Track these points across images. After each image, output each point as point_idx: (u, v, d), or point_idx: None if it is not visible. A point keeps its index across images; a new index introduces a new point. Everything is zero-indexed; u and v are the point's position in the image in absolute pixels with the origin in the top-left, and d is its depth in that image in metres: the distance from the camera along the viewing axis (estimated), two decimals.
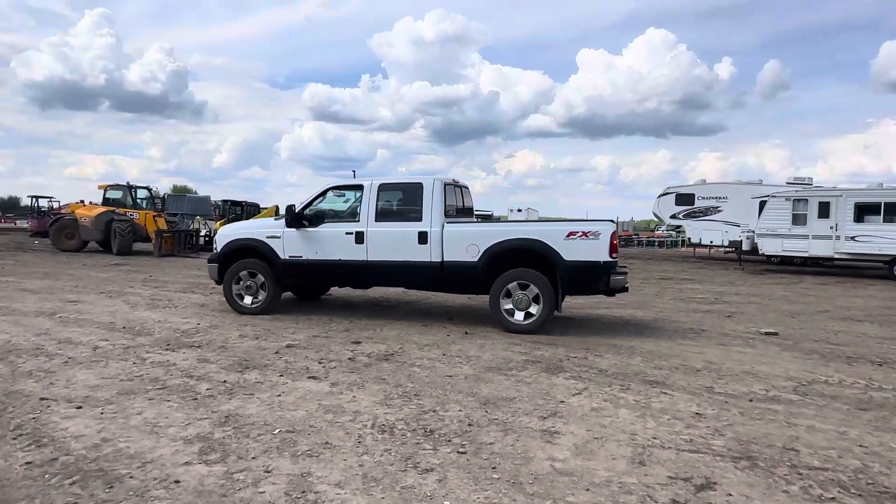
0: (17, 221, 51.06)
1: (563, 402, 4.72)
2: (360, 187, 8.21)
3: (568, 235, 7.27)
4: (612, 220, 7.72)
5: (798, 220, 18.57)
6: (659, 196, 26.80)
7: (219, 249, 8.74)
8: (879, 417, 4.51)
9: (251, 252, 8.50)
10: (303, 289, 9.81)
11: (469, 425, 4.14)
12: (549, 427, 4.14)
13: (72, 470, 3.28)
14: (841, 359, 6.50)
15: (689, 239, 26.71)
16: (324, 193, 8.46)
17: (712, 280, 16.18)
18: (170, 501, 2.96)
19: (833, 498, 3.15)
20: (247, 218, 30.29)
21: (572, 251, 7.23)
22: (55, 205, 31.54)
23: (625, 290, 7.79)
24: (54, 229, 21.47)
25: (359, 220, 8.02)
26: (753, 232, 20.15)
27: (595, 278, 7.29)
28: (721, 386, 5.28)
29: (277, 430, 3.95)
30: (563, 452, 3.70)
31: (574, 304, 10.36)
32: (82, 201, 23.13)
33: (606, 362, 6.06)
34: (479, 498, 3.08)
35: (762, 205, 20.82)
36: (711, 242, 25.37)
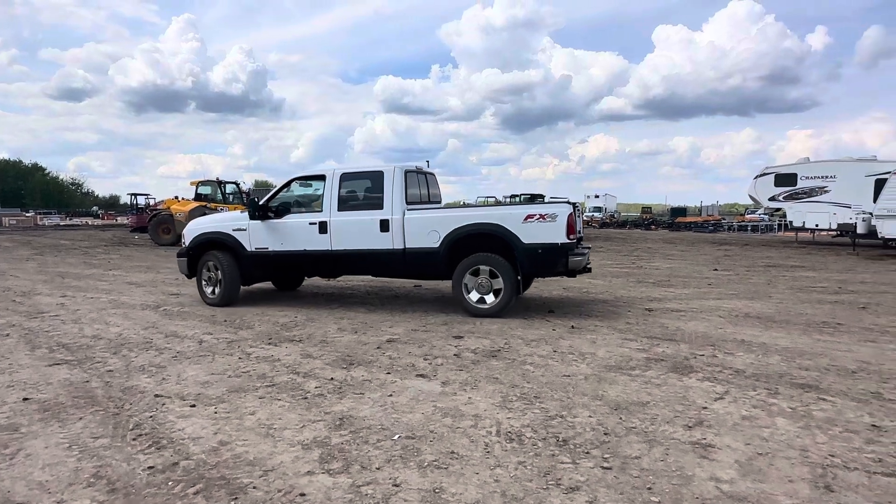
0: (119, 218, 54.74)
1: (705, 408, 4.18)
2: (322, 177, 8.15)
3: (526, 219, 7.28)
4: (568, 202, 7.58)
5: None
6: (756, 177, 24.98)
7: (187, 243, 8.73)
8: None
9: (218, 245, 8.48)
10: (279, 280, 9.88)
11: (605, 434, 3.70)
12: (699, 438, 3.62)
13: (194, 477, 3.11)
14: None
15: (791, 223, 24.72)
16: (288, 184, 8.46)
17: (826, 267, 14.77)
18: None
19: None
20: None
21: (530, 234, 7.24)
22: (151, 201, 33.40)
23: (587, 270, 7.88)
24: (152, 224, 22.60)
25: (322, 210, 8.03)
26: (870, 213, 18.30)
27: (553, 260, 7.29)
28: (890, 391, 4.54)
29: (397, 436, 3.66)
30: (726, 471, 3.18)
31: (681, 295, 9.62)
32: (176, 197, 24.25)
33: (741, 361, 5.42)
34: None
35: (879, 183, 18.91)
36: (816, 226, 23.37)
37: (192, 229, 8.89)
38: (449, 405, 4.25)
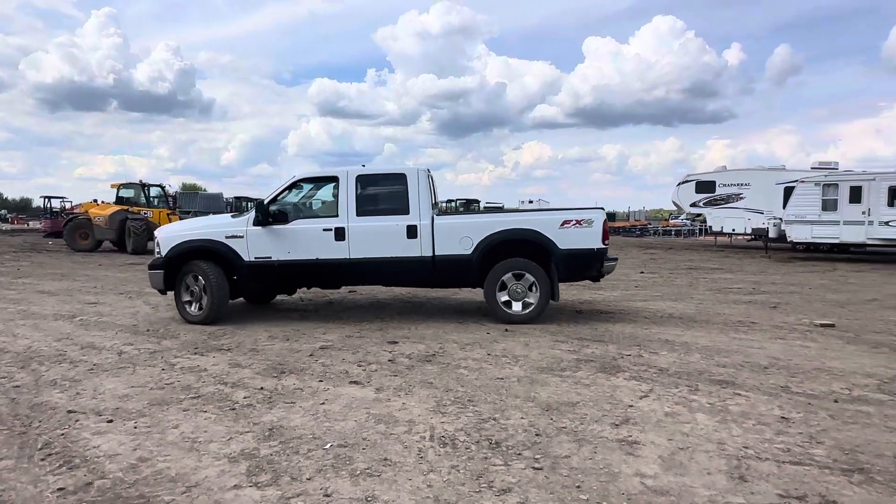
0: (31, 222, 51.24)
1: (631, 406, 4.33)
2: (334, 179, 7.57)
3: (562, 224, 7.31)
4: (602, 208, 7.68)
5: (828, 205, 18.00)
6: (678, 184, 26.22)
7: (163, 253, 7.51)
8: None
9: (206, 254, 7.44)
10: (260, 293, 8.85)
11: (537, 435, 3.77)
12: (625, 436, 3.75)
13: (109, 497, 2.93)
14: None
15: (710, 227, 26.11)
16: (291, 187, 7.68)
17: (742, 269, 15.69)
18: None
19: None
20: None
21: (567, 240, 7.28)
22: (67, 205, 31.47)
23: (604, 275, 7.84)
24: (68, 229, 21.26)
25: (338, 215, 7.41)
26: (780, 219, 19.58)
27: (589, 265, 7.44)
28: (797, 385, 4.86)
29: (329, 445, 3.59)
30: (650, 467, 3.31)
31: (609, 298, 9.95)
32: (95, 201, 22.93)
33: (664, 360, 5.66)
34: None
35: (787, 191, 20.23)
36: (733, 230, 24.78)
37: (171, 236, 7.65)
38: (383, 411, 4.21)
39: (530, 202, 61.13)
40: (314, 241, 7.38)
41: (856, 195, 17.61)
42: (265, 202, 7.51)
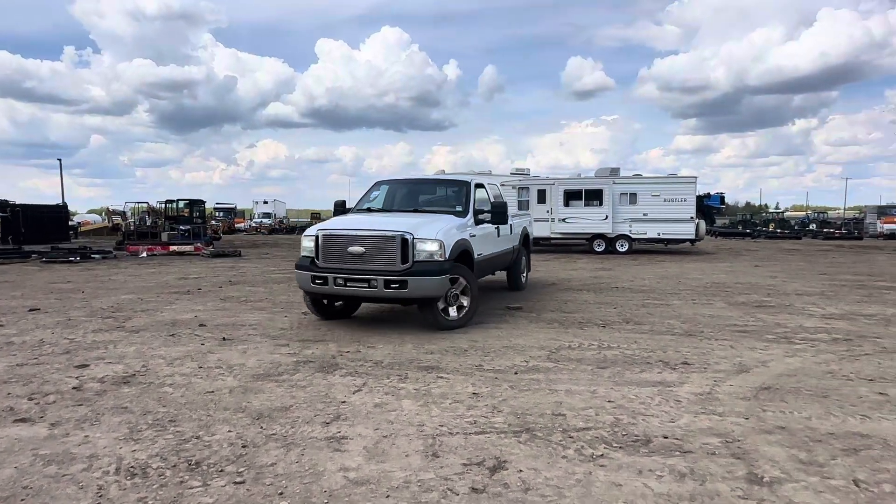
0: None
1: (344, 402, 4.44)
2: (481, 186, 9.13)
3: (529, 224, 11.59)
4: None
5: (523, 205, 21.07)
6: None
7: (448, 254, 7.10)
8: (615, 373, 5.21)
9: (462, 255, 7.61)
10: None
11: (243, 447, 3.60)
12: (334, 433, 3.82)
13: None
14: (575, 325, 7.45)
15: None
16: (474, 190, 8.75)
17: None
18: None
19: (602, 455, 3.47)
20: None
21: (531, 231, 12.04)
22: None
23: None
24: None
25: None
26: None
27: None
28: (488, 363, 5.56)
29: None
30: (354, 459, 3.42)
31: None
32: None
33: (380, 353, 5.95)
34: None
35: None
36: None
37: (450, 235, 7.25)
38: (56, 450, 3.57)
39: (265, 203, 59.00)
40: (492, 237, 8.83)
41: (542, 197, 21.03)
42: (474, 203, 8.36)
